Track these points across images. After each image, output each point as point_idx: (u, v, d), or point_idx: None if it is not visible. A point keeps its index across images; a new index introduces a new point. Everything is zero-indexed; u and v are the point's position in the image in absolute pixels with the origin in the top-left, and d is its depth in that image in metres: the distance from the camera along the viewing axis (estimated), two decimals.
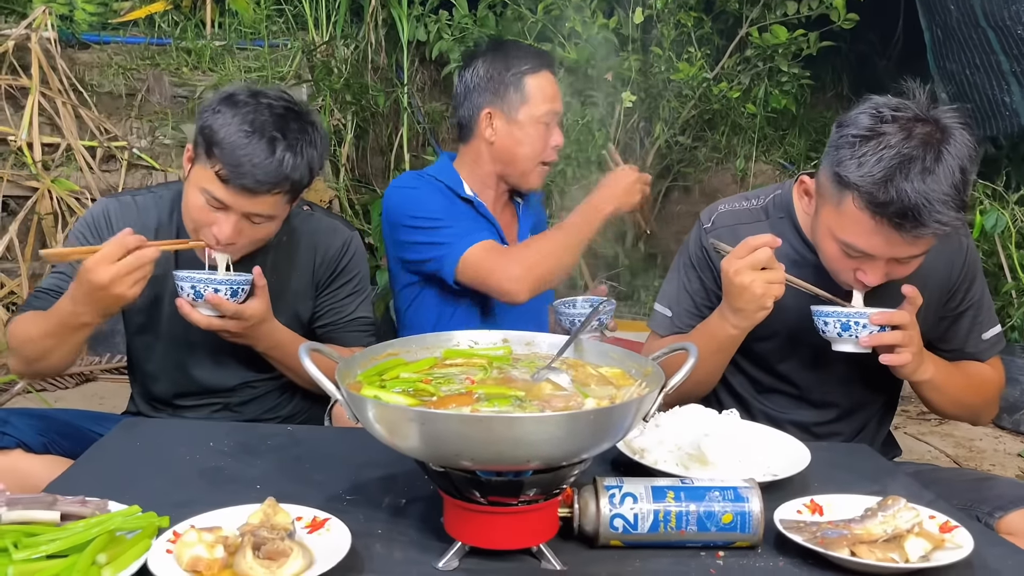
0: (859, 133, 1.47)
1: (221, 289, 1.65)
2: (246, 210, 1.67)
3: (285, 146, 1.65)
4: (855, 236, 1.51)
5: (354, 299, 1.95)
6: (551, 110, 2.11)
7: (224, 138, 1.63)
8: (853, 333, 1.53)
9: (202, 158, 1.67)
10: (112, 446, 1.48)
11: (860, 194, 1.46)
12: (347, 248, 1.94)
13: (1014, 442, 3.60)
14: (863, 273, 1.55)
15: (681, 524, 1.13)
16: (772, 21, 4.33)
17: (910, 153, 1.42)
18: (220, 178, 1.64)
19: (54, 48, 4.27)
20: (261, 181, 1.63)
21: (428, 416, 1.00)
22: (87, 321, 1.62)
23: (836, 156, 1.50)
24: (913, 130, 1.44)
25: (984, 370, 1.78)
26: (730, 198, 1.88)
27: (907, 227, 1.44)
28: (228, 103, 1.67)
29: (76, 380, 3.76)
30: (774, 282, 1.54)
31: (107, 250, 1.55)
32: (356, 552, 1.08)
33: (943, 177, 1.42)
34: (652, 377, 1.16)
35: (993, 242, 3.74)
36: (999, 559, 1.15)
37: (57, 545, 1.03)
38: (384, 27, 4.74)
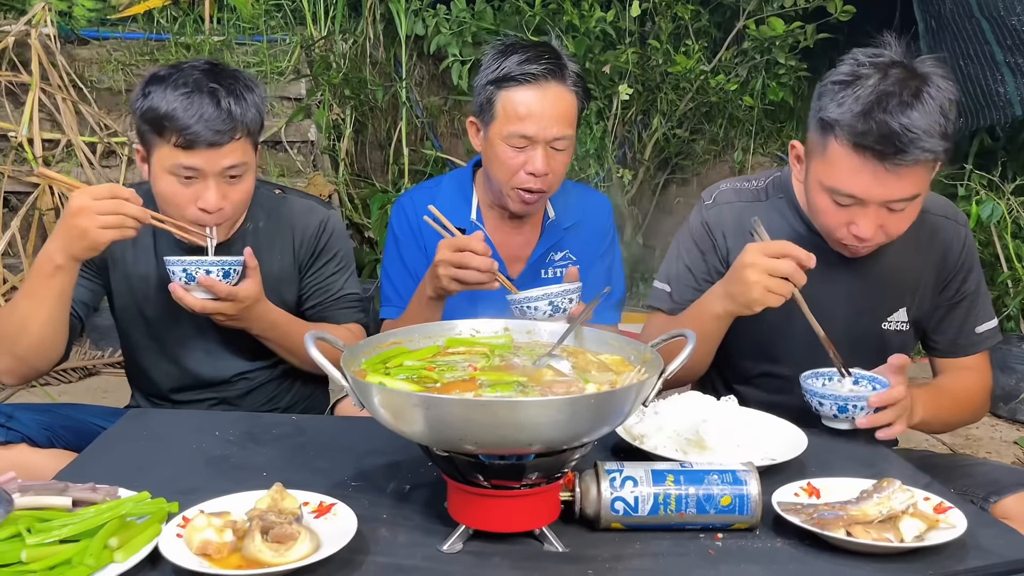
0: (839, 79, 1.53)
1: (213, 271, 1.65)
2: (219, 166, 1.68)
3: (226, 94, 1.68)
4: (842, 178, 1.52)
5: (339, 276, 1.96)
6: (517, 132, 1.84)
7: (168, 110, 1.65)
8: (850, 415, 1.51)
9: (155, 143, 1.69)
10: (119, 436, 1.50)
11: (842, 129, 1.49)
12: (325, 226, 1.94)
13: (1010, 430, 3.62)
14: (856, 226, 1.55)
15: (681, 507, 1.15)
16: (769, 13, 4.34)
17: (888, 89, 1.47)
18: (181, 147, 1.65)
19: (54, 44, 4.28)
20: (220, 131, 1.66)
21: (432, 401, 1.03)
22: (59, 263, 1.58)
23: (819, 104, 1.55)
24: (889, 71, 1.49)
25: (969, 381, 1.79)
26: (731, 179, 1.90)
27: (889, 154, 1.46)
28: (155, 82, 1.70)
29: (79, 374, 3.78)
30: (775, 292, 1.52)
31: (97, 186, 1.57)
32: (362, 535, 1.11)
33: (922, 110, 1.46)
34: (651, 363, 1.18)
35: (989, 232, 3.77)
36: (991, 539, 1.17)
37: (69, 530, 1.05)
38: (382, 22, 4.75)
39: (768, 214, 1.80)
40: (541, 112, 1.83)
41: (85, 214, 1.53)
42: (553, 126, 1.83)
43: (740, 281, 1.54)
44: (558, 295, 1.65)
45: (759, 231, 1.60)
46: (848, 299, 1.75)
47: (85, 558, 1.00)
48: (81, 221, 1.53)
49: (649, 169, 4.80)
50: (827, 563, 1.10)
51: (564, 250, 2.06)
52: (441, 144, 4.96)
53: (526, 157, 1.85)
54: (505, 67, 1.84)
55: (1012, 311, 3.77)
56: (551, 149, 1.86)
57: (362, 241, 4.56)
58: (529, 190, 1.89)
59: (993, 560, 1.10)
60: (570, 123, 1.87)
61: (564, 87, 1.85)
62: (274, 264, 1.88)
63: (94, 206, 1.53)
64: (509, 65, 1.83)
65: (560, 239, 2.05)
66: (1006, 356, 3.68)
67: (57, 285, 1.61)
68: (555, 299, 1.65)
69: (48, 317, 1.64)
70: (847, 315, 1.75)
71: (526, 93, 1.83)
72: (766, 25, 4.32)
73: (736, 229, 1.81)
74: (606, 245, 2.08)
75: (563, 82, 1.85)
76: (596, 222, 2.07)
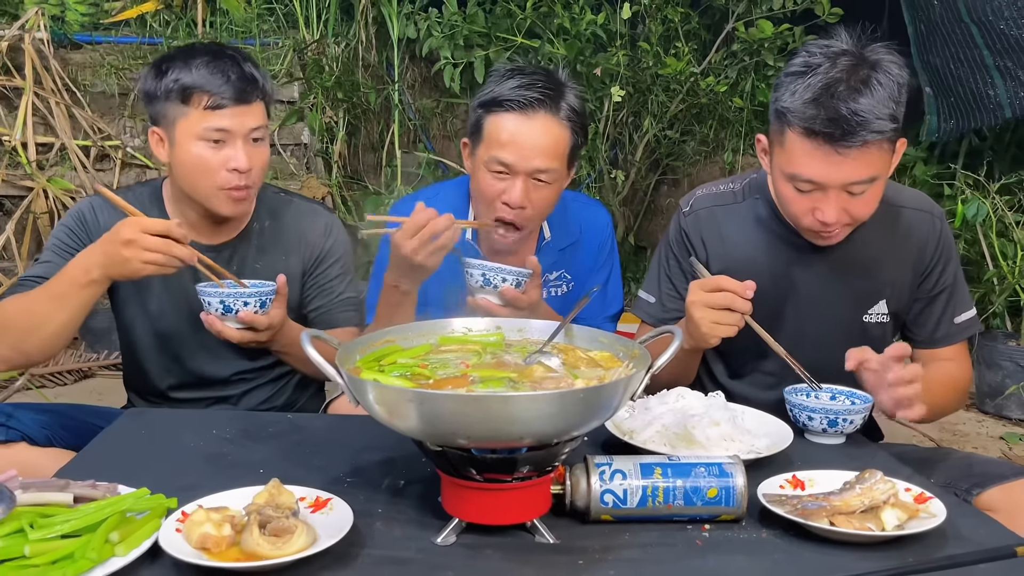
0: (793, 70, 1.59)
1: (251, 303, 1.69)
2: (246, 127, 1.74)
3: (242, 59, 1.77)
4: (798, 164, 1.57)
5: (341, 280, 1.99)
6: (496, 158, 1.77)
7: (194, 79, 1.72)
8: (840, 429, 1.52)
9: (180, 115, 1.74)
10: (118, 434, 1.52)
11: (794, 117, 1.55)
12: (330, 230, 1.98)
13: (996, 425, 3.67)
14: (820, 211, 1.60)
15: (668, 499, 1.18)
16: (758, 16, 4.38)
17: (836, 76, 1.53)
18: (212, 107, 1.72)
19: (47, 49, 4.30)
20: (246, 90, 1.74)
21: (426, 396, 1.05)
22: (94, 278, 1.61)
23: (775, 96, 1.61)
24: (838, 60, 1.55)
25: (950, 371, 1.82)
26: (709, 184, 1.93)
27: (837, 136, 1.51)
28: (168, 60, 1.76)
29: (75, 376, 3.80)
30: (723, 324, 1.56)
31: (152, 220, 1.59)
32: (358, 529, 1.13)
33: (871, 94, 1.51)
34: (639, 359, 1.21)
35: (975, 231, 3.81)
36: (971, 528, 1.20)
37: (71, 525, 1.08)
38: (374, 25, 4.78)
39: (745, 215, 1.84)
40: (524, 141, 1.75)
41: (133, 247, 1.56)
42: (536, 157, 1.75)
43: (689, 319, 1.59)
44: (491, 270, 1.67)
45: (698, 268, 1.66)
46: (828, 293, 1.78)
47: (87, 552, 1.03)
48: (127, 252, 1.57)
49: (640, 170, 4.83)
50: (811, 552, 1.13)
51: (560, 270, 2.02)
52: (434, 146, 4.98)
53: (504, 186, 1.78)
54: (496, 91, 1.79)
55: (998, 308, 3.82)
56: (533, 181, 1.78)
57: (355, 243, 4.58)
58: (502, 220, 1.82)
59: (972, 548, 1.13)
60: (557, 156, 1.78)
61: (555, 119, 1.77)
62: (279, 266, 1.91)
63: (143, 241, 1.56)
64: (501, 89, 1.78)
65: (555, 260, 2.00)
66: (992, 353, 3.73)
67: (86, 296, 1.64)
68: (488, 273, 1.67)
69: (67, 322, 1.66)
70: (828, 309, 1.78)
71: (512, 120, 1.77)
72: (755, 27, 4.36)
73: (714, 234, 1.84)
74: (603, 259, 2.06)
75: (555, 113, 1.77)
76: (594, 239, 2.03)
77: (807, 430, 1.54)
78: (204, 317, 1.71)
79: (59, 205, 4.08)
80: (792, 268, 1.79)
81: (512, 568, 1.08)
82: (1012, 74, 3.62)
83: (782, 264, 1.79)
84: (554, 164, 1.79)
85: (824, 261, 1.76)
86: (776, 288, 1.74)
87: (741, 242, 1.83)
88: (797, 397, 1.56)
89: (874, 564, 1.07)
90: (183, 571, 1.04)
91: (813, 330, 1.65)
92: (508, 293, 1.67)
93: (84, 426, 1.73)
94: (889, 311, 1.81)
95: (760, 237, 1.81)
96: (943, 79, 3.89)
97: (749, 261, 1.80)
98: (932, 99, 4.01)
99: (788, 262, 1.79)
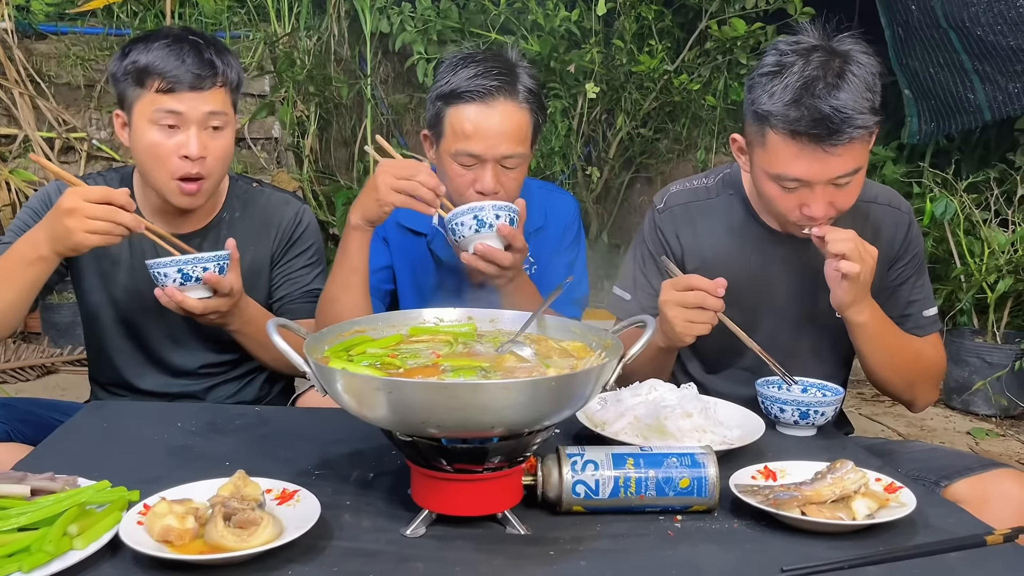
0: (766, 71, 1.58)
1: (210, 267, 1.64)
2: (200, 112, 1.69)
3: (206, 45, 1.72)
4: (784, 165, 1.57)
5: (310, 270, 1.95)
6: (464, 151, 1.76)
7: (151, 60, 1.68)
8: (811, 421, 1.52)
9: (137, 97, 1.70)
10: (79, 427, 1.49)
11: (775, 119, 1.54)
12: (299, 219, 1.95)
13: (963, 421, 3.72)
14: (807, 207, 1.60)
15: (640, 489, 1.17)
16: (731, 15, 4.41)
17: (812, 74, 1.52)
18: (163, 91, 1.67)
19: (11, 38, 4.22)
20: (201, 75, 1.69)
21: (395, 384, 1.03)
22: (42, 254, 1.57)
23: (751, 97, 1.60)
24: (811, 56, 1.55)
25: (922, 343, 1.83)
26: (682, 180, 1.93)
27: (824, 136, 1.51)
28: (136, 43, 1.73)
29: (37, 372, 3.73)
30: (696, 322, 1.56)
31: (93, 188, 1.55)
32: (325, 521, 1.11)
33: (849, 89, 1.51)
34: (612, 349, 1.20)
35: (943, 229, 3.86)
36: (940, 517, 1.21)
37: (28, 518, 1.04)
38: (347, 19, 4.74)
39: (719, 211, 1.84)
40: (488, 130, 1.75)
41: (74, 216, 1.52)
42: (501, 144, 1.76)
43: (663, 319, 1.59)
44: (481, 209, 1.65)
45: (669, 267, 1.65)
46: (802, 288, 1.79)
47: (44, 545, 0.99)
48: (69, 222, 1.52)
49: (614, 168, 4.85)
50: (783, 542, 1.13)
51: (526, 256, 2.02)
52: (406, 141, 4.96)
53: (475, 175, 1.78)
54: (453, 82, 1.78)
55: (965, 306, 3.87)
56: (501, 167, 1.79)
57: (327, 238, 4.54)
58: None
59: (942, 537, 1.14)
60: (521, 140, 1.79)
61: (514, 103, 1.77)
62: (248, 255, 1.87)
63: (85, 208, 1.52)
64: (457, 80, 1.77)
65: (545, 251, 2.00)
66: (959, 349, 3.78)
67: (34, 273, 1.60)
68: (479, 213, 1.65)
69: (15, 300, 1.62)
70: (802, 303, 1.79)
71: (473, 110, 1.76)
72: (728, 26, 4.39)
73: (689, 229, 1.84)
74: (568, 241, 2.05)
75: (514, 98, 1.77)
76: (559, 222, 2.02)
77: (779, 422, 1.55)
78: (160, 293, 1.64)
79: (22, 197, 4.00)
80: (766, 263, 1.79)
81: (483, 559, 1.06)
82: (991, 78, 3.67)
83: (757, 259, 1.80)
84: (520, 148, 1.80)
85: (797, 256, 1.76)
86: (751, 283, 1.74)
87: (716, 238, 1.83)
88: (769, 389, 1.56)
89: (845, 553, 1.07)
90: (144, 564, 1.01)
91: (787, 324, 1.65)
92: (506, 230, 1.66)
93: (44, 421, 1.69)
94: None
95: (735, 233, 1.81)
96: (922, 82, 3.94)
97: (724, 257, 1.80)
98: (912, 102, 4.06)
99: (763, 257, 1.79)
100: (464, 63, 1.80)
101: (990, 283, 3.73)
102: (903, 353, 1.75)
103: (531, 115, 1.82)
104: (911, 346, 1.78)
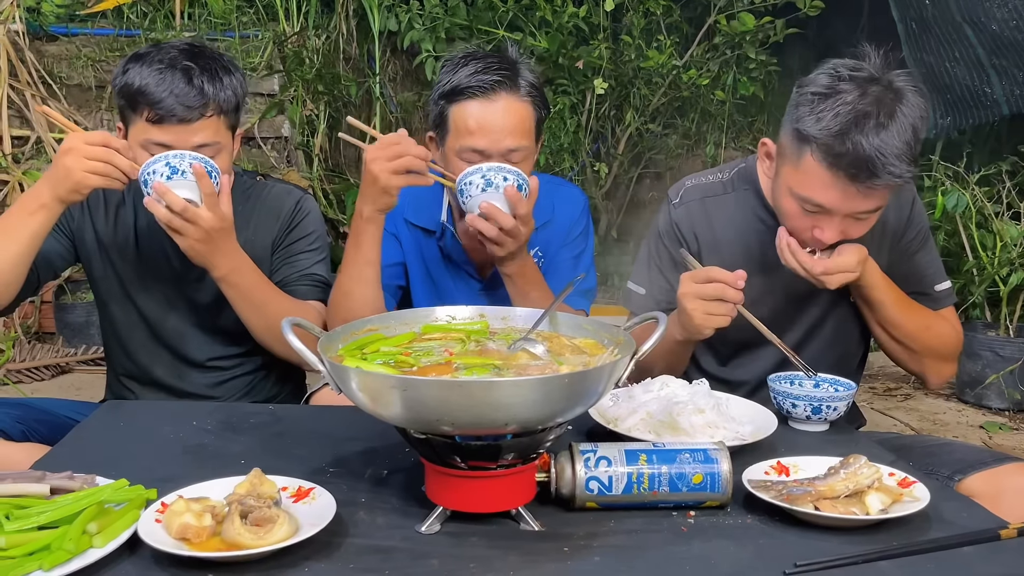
0: (818, 91, 1.55)
1: (198, 162, 1.63)
2: (189, 143, 1.68)
3: (199, 72, 1.69)
4: (813, 190, 1.56)
5: (309, 256, 1.94)
6: (469, 147, 1.77)
7: (142, 85, 1.66)
8: (824, 416, 1.52)
9: (131, 119, 1.71)
10: (95, 427, 1.50)
11: (818, 147, 1.52)
12: (300, 206, 1.95)
13: (976, 415, 3.71)
14: (820, 230, 1.59)
15: (654, 485, 1.18)
16: (740, 9, 4.40)
17: (865, 109, 1.50)
18: (152, 121, 1.67)
19: (22, 40, 4.24)
20: (189, 107, 1.67)
21: (409, 383, 1.04)
22: (44, 201, 1.60)
23: (796, 114, 1.57)
24: (868, 88, 1.52)
25: (932, 316, 1.82)
26: (696, 174, 1.92)
27: (861, 178, 1.50)
28: (134, 60, 1.72)
29: (52, 372, 3.75)
30: (716, 315, 1.56)
31: (92, 132, 1.58)
32: (341, 519, 1.12)
33: (896, 132, 1.49)
34: (624, 346, 1.20)
35: (955, 222, 3.84)
36: (954, 512, 1.21)
37: (48, 516, 1.06)
38: (355, 17, 4.75)
39: (734, 206, 1.84)
40: (492, 124, 1.76)
41: (73, 155, 1.55)
42: (506, 138, 1.77)
43: (682, 311, 1.59)
44: (490, 170, 1.68)
45: (688, 260, 1.64)
46: None
47: (64, 543, 1.01)
48: (69, 161, 1.56)
49: (623, 164, 4.84)
50: (796, 537, 1.13)
51: (534, 248, 2.00)
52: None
53: None
54: (454, 80, 1.79)
55: (977, 299, 3.86)
56: (507, 161, 1.78)
57: (337, 236, 4.56)
58: None
59: (956, 531, 1.14)
60: (525, 133, 1.80)
61: (516, 97, 1.79)
62: (250, 246, 1.87)
63: (84, 149, 1.56)
64: (458, 78, 1.78)
65: (530, 240, 1.96)
66: (971, 343, 3.76)
67: (36, 223, 1.62)
68: (487, 173, 1.68)
69: (16, 255, 1.64)
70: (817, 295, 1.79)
71: (475, 106, 1.77)
72: (736, 20, 4.38)
73: (705, 223, 1.84)
74: (576, 234, 2.04)
75: (515, 92, 1.79)
76: (567, 216, 2.02)
77: (791, 417, 1.55)
78: (149, 201, 1.62)
79: None
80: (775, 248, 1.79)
81: (497, 556, 1.07)
82: (1007, 72, 3.66)
83: (772, 254, 1.80)
84: (524, 142, 1.80)
85: None
86: (766, 277, 1.74)
87: (731, 233, 1.83)
88: (781, 385, 1.56)
89: (859, 548, 1.08)
90: (162, 562, 1.02)
91: (803, 316, 1.65)
92: (511, 192, 1.67)
93: (61, 421, 1.71)
94: None
95: (749, 227, 1.81)
96: (938, 77, 3.92)
97: (740, 251, 1.80)
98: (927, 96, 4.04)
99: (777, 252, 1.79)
100: (465, 61, 1.81)
101: (1003, 276, 3.71)
102: (919, 320, 1.75)
103: (534, 109, 1.83)
104: (926, 314, 1.77)
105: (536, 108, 1.83)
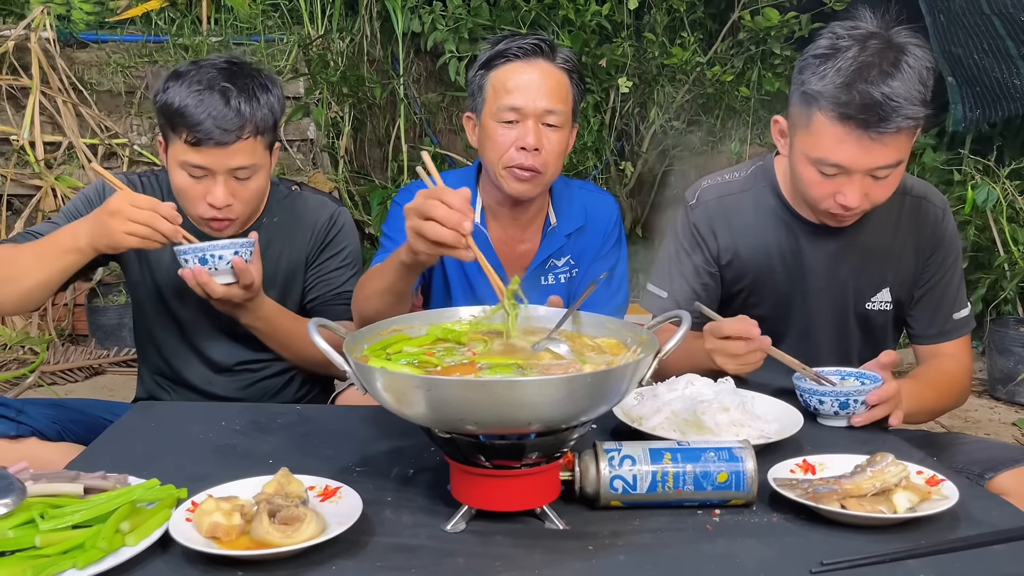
0: (819, 52, 1.56)
1: (226, 255, 1.68)
2: (227, 166, 1.72)
3: (237, 93, 1.72)
4: (827, 149, 1.55)
5: (343, 272, 1.97)
6: (506, 105, 1.81)
7: (180, 106, 1.69)
8: (851, 411, 1.51)
9: (170, 137, 1.74)
10: (127, 427, 1.53)
11: (825, 101, 1.53)
12: (335, 220, 1.98)
13: (1009, 411, 3.65)
14: (842, 195, 1.58)
15: (678, 484, 1.18)
16: (764, 4, 4.36)
17: (867, 60, 1.51)
18: (190, 144, 1.70)
19: (53, 48, 4.31)
20: (227, 130, 1.69)
21: (434, 383, 1.05)
22: (79, 245, 1.64)
23: (800, 78, 1.59)
24: (868, 43, 1.53)
25: (949, 368, 1.81)
26: (713, 174, 1.92)
27: (873, 122, 1.49)
28: (174, 78, 1.75)
29: (86, 373, 3.82)
30: (747, 363, 1.56)
31: (141, 196, 1.62)
32: (367, 517, 1.13)
33: (902, 77, 1.49)
34: (647, 345, 1.20)
35: (985, 217, 3.79)
36: (984, 510, 1.19)
37: (82, 515, 1.08)
38: (379, 19, 4.78)
39: (752, 204, 1.83)
40: (529, 84, 1.81)
41: (118, 218, 1.59)
42: (542, 99, 1.80)
43: (715, 361, 1.58)
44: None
45: (704, 311, 1.62)
46: (834, 280, 1.77)
47: (98, 542, 1.03)
48: (112, 221, 1.59)
49: (647, 161, 4.82)
50: (823, 535, 1.12)
51: (566, 256, 2.00)
52: (439, 140, 4.98)
53: (517, 133, 1.81)
54: (493, 51, 1.85)
55: (1009, 295, 3.80)
56: (544, 126, 1.82)
57: (363, 237, 4.59)
58: (521, 166, 1.81)
59: (985, 530, 1.13)
60: (561, 98, 1.83)
61: (553, 64, 1.83)
62: (284, 259, 1.91)
63: (129, 212, 1.59)
64: (498, 48, 1.85)
65: (562, 245, 1.98)
66: (1003, 339, 3.71)
67: (68, 261, 1.67)
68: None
69: (44, 281, 1.69)
70: (834, 296, 1.78)
71: (514, 68, 1.82)
72: (761, 16, 4.34)
73: (723, 224, 1.83)
74: (609, 247, 2.03)
75: (552, 60, 1.83)
76: (600, 225, 2.01)
77: (819, 414, 1.54)
78: (193, 272, 1.67)
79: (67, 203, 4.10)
80: (800, 255, 1.78)
81: (522, 554, 1.08)
82: None
83: (790, 251, 1.79)
84: (560, 106, 1.83)
85: (830, 248, 1.75)
86: (785, 274, 1.73)
87: (750, 231, 1.82)
88: (807, 383, 1.55)
89: (886, 547, 1.07)
90: (193, 560, 1.04)
91: (819, 317, 1.64)
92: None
93: (94, 421, 1.74)
94: (892, 299, 1.80)
95: (768, 224, 1.80)
96: (967, 69, 3.88)
97: (758, 250, 1.79)
98: (956, 89, 3.99)
99: (796, 249, 1.78)
100: (502, 39, 1.88)
101: None
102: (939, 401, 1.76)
103: (570, 80, 1.86)
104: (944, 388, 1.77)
105: (573, 84, 1.87)
